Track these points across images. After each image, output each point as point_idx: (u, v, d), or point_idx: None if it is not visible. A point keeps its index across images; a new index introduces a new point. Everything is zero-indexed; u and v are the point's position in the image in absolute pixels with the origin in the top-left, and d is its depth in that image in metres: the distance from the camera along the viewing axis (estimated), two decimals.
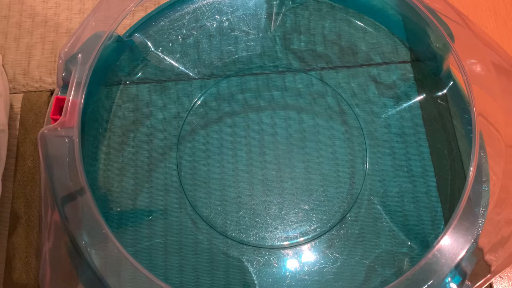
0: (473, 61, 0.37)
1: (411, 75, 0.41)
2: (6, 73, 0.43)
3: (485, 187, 0.33)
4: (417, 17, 0.39)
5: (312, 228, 0.37)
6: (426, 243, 0.36)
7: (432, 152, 0.39)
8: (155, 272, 0.33)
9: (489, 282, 0.32)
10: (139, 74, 0.42)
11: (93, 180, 0.38)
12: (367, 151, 0.39)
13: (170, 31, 0.43)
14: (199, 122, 0.40)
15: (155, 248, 0.36)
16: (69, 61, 0.35)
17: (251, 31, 0.43)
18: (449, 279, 0.31)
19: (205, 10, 0.44)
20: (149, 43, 0.43)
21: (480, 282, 0.31)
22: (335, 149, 0.39)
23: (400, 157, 0.39)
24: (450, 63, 0.39)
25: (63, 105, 0.34)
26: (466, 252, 0.31)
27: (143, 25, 0.43)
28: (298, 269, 0.35)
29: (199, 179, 0.38)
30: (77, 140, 0.34)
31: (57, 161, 0.34)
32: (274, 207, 0.37)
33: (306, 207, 0.37)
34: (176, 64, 0.42)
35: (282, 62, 0.42)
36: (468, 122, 0.36)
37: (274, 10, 0.44)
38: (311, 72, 0.42)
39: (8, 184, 0.39)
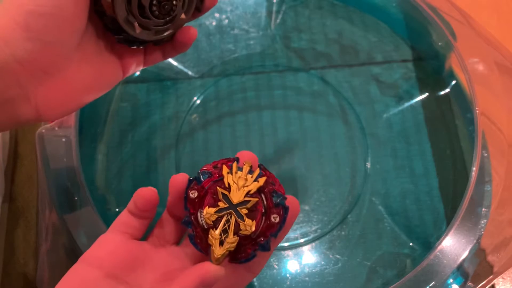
0: (476, 60, 0.37)
1: (413, 74, 0.41)
2: None
3: (487, 188, 0.33)
4: (419, 15, 0.39)
5: (313, 229, 0.36)
6: (428, 244, 0.35)
7: (434, 152, 0.38)
8: None
9: (492, 283, 0.32)
10: (138, 73, 0.41)
11: (91, 181, 0.38)
12: (369, 151, 0.39)
13: None
14: (199, 122, 0.40)
15: None
16: None
17: (251, 30, 0.43)
18: (451, 280, 0.30)
19: None
20: None
21: (482, 283, 0.31)
22: (336, 149, 0.39)
23: (402, 157, 0.38)
24: (453, 62, 0.39)
25: None
26: (469, 253, 0.31)
27: None
28: (298, 271, 0.35)
29: None
30: (75, 140, 0.34)
31: (55, 161, 0.34)
32: None
33: (307, 207, 0.37)
34: (175, 63, 0.42)
35: (283, 61, 0.42)
36: (470, 122, 0.36)
37: (274, 8, 0.44)
38: (312, 71, 0.42)
39: (6, 184, 0.39)
